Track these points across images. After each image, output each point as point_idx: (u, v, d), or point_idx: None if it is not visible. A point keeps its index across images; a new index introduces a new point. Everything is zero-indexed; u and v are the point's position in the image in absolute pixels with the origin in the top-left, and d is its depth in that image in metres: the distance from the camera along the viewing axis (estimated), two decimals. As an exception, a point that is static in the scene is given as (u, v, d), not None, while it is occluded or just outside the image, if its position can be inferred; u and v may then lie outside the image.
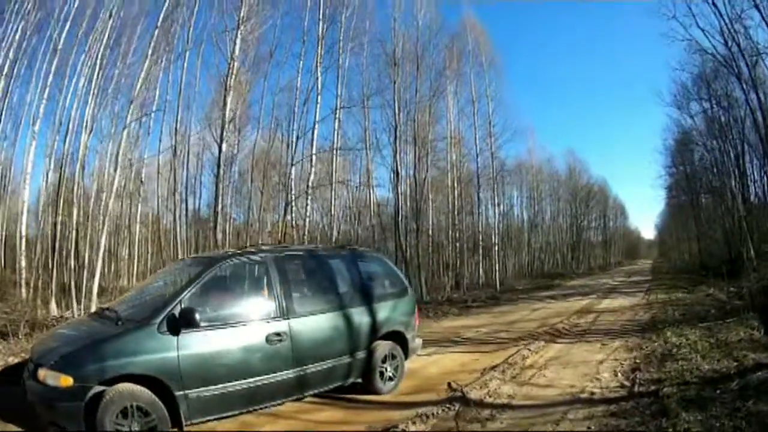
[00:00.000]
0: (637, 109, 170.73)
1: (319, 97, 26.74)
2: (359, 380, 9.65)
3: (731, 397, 7.68)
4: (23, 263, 23.14)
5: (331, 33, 28.61)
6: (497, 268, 43.38)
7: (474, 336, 16.48)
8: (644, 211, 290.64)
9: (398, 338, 10.29)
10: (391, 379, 9.92)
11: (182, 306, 7.34)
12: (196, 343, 7.26)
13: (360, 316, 9.53)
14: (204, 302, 7.74)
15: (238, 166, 34.01)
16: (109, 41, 24.27)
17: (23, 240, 23.53)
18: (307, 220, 27.09)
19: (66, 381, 6.43)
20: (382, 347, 9.85)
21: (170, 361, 6.99)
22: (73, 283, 20.66)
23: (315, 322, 8.79)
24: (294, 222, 28.04)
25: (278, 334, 8.13)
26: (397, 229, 32.33)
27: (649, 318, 18.28)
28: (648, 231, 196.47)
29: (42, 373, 6.66)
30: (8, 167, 27.37)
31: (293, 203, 27.53)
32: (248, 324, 8.02)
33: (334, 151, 29.86)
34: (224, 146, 22.24)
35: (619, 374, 10.46)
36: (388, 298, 10.39)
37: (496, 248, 44.47)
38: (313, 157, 27.15)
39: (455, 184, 40.47)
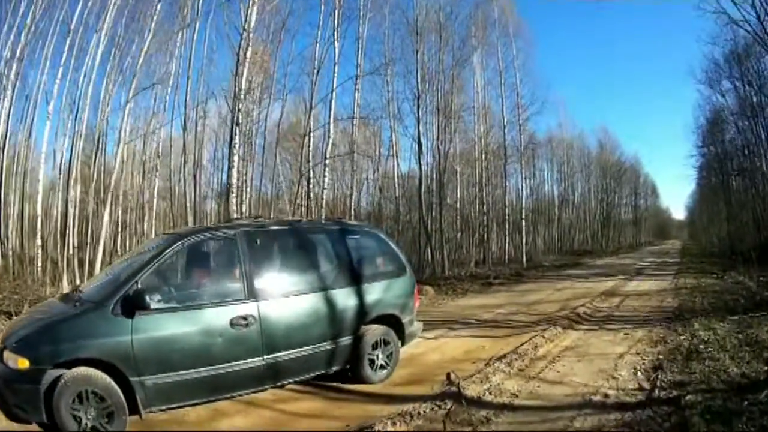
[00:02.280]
0: (670, 85, 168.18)
1: (336, 67, 26.38)
2: (348, 368, 8.89)
3: (760, 411, 6.69)
4: (38, 241, 23.29)
5: (351, 1, 28.17)
6: (525, 243, 42.43)
7: (489, 317, 15.61)
8: (676, 190, 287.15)
9: (392, 322, 9.42)
10: (383, 367, 9.09)
11: (137, 287, 6.83)
12: (152, 327, 6.78)
13: (345, 298, 8.71)
14: (162, 282, 7.40)
15: (262, 138, 34.21)
16: (122, 18, 25.28)
17: (38, 218, 23.67)
18: (325, 191, 26.70)
19: (23, 363, 6.24)
20: (373, 332, 9.01)
21: (123, 345, 6.57)
22: (86, 260, 21.49)
23: (290, 305, 8.04)
24: (310, 194, 27.31)
25: (245, 318, 7.44)
26: (420, 201, 31.61)
27: (677, 305, 17.13)
28: (678, 211, 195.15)
29: (5, 354, 6.47)
30: (28, 147, 27.26)
31: (310, 173, 27.17)
32: (211, 306, 7.40)
33: (353, 120, 29.19)
34: (240, 117, 21.42)
35: (639, 373, 9.30)
36: (381, 277, 9.49)
37: (524, 223, 43.43)
38: (331, 127, 26.73)
39: (483, 157, 39.81)
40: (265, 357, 7.58)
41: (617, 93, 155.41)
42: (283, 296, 7.99)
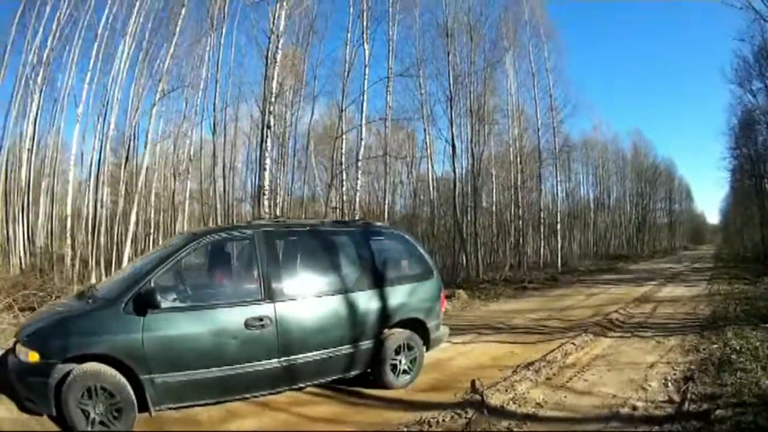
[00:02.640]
0: (704, 86, 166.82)
1: (366, 69, 26.32)
2: (369, 371, 8.67)
3: (792, 429, 6.37)
4: (68, 241, 23.43)
5: (380, 4, 28.11)
6: (560, 248, 42.04)
7: (520, 323, 15.36)
8: (710, 194, 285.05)
9: (417, 327, 9.17)
10: (406, 372, 8.86)
11: (149, 285, 6.79)
12: (164, 326, 6.76)
13: (366, 301, 8.48)
14: (176, 282, 7.54)
15: (296, 141, 34.42)
16: (148, 23, 25.84)
17: (67, 219, 23.81)
18: (358, 194, 26.61)
19: (33, 356, 6.32)
20: (396, 337, 8.78)
21: (134, 342, 6.56)
22: (114, 259, 22.10)
23: (308, 307, 7.87)
24: (344, 196, 27.38)
25: (260, 319, 7.31)
26: (455, 205, 31.33)
27: (710, 312, 16.72)
28: (713, 215, 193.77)
29: (18, 347, 6.62)
30: (57, 150, 27.39)
31: (344, 176, 27.33)
32: (226, 307, 7.30)
33: (386, 122, 29.01)
34: (272, 120, 21.61)
35: (670, 384, 8.94)
36: (406, 280, 9.26)
37: (559, 227, 43.01)
38: (363, 129, 26.64)
39: (518, 160, 39.50)
40: (281, 359, 7.46)
41: (651, 95, 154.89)
42: (301, 298, 7.83)
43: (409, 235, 10.54)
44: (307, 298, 7.88)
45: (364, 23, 26.22)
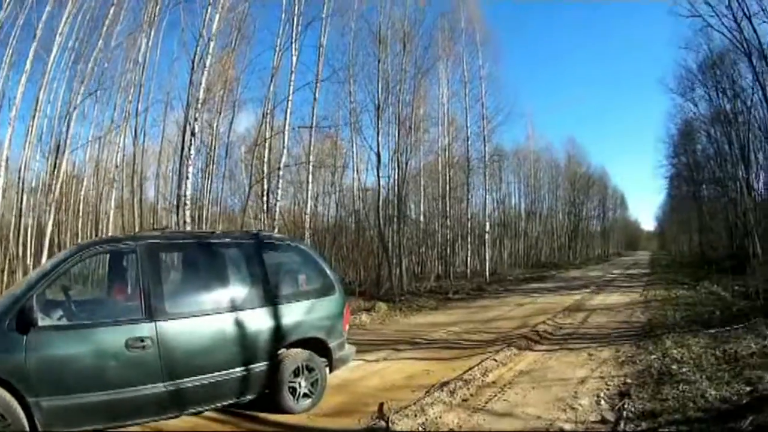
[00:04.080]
0: (641, 96, 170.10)
1: (293, 75, 25.88)
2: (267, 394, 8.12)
3: (745, 445, 5.98)
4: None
5: (312, 10, 27.43)
6: (488, 257, 41.80)
7: (440, 337, 14.92)
8: (645, 202, 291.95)
9: (317, 346, 8.63)
10: (306, 396, 8.28)
11: (31, 302, 6.23)
12: (46, 345, 6.26)
13: (258, 320, 7.89)
14: (58, 297, 7.10)
15: (227, 149, 33.54)
16: (84, 22, 24.93)
17: None
18: (278, 204, 26.17)
19: None
20: (293, 358, 8.20)
21: (18, 362, 6.08)
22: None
23: (193, 327, 7.25)
24: (267, 206, 26.83)
25: (141, 340, 6.70)
26: (378, 215, 30.83)
27: (647, 320, 16.59)
28: (648, 222, 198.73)
29: None
30: None
31: (265, 185, 26.91)
32: (107, 326, 6.75)
33: (311, 129, 28.36)
34: (196, 127, 21.10)
35: (603, 401, 8.40)
36: (304, 296, 8.70)
37: (488, 236, 42.85)
38: (286, 136, 26.16)
39: (447, 169, 39.69)
40: (166, 383, 6.85)
41: (588, 105, 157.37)
42: (186, 317, 7.21)
43: (307, 248, 10.17)
44: (193, 317, 7.29)
45: (295, 29, 25.86)
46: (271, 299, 8.11)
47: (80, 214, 28.69)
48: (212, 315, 7.41)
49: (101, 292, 7.88)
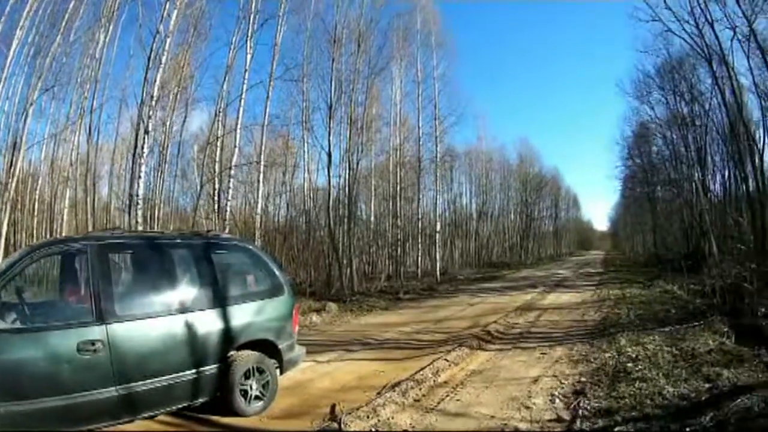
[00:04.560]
0: (599, 98, 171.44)
1: (247, 73, 26.05)
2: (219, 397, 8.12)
3: (705, 440, 6.12)
4: None
5: (268, 7, 27.57)
6: (439, 258, 42.23)
7: (391, 337, 15.02)
8: (598, 202, 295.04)
9: (267, 348, 8.67)
10: (258, 398, 8.34)
11: None
12: (1, 350, 6.15)
13: (208, 322, 7.89)
14: (9, 299, 6.77)
15: (180, 148, 33.82)
16: (45, 16, 24.61)
17: None
18: (228, 203, 26.18)
19: None
20: (243, 360, 8.21)
21: None
22: None
23: (144, 329, 7.20)
24: (219, 206, 26.69)
25: (92, 343, 6.62)
26: (328, 215, 30.99)
27: (600, 319, 16.75)
28: (601, 222, 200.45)
29: None
30: None
31: (217, 184, 26.78)
32: (58, 329, 6.66)
33: (263, 128, 28.54)
34: (150, 125, 20.94)
35: (558, 400, 8.48)
36: (252, 298, 8.74)
37: (438, 236, 43.34)
38: (238, 134, 26.32)
39: (398, 169, 39.93)
40: (118, 387, 6.79)
41: (543, 107, 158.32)
42: (137, 319, 7.16)
43: (256, 248, 10.12)
44: (143, 319, 7.23)
45: (251, 26, 25.94)
46: (221, 301, 8.12)
47: (35, 213, 28.53)
48: (163, 317, 7.37)
49: (55, 294, 7.72)
